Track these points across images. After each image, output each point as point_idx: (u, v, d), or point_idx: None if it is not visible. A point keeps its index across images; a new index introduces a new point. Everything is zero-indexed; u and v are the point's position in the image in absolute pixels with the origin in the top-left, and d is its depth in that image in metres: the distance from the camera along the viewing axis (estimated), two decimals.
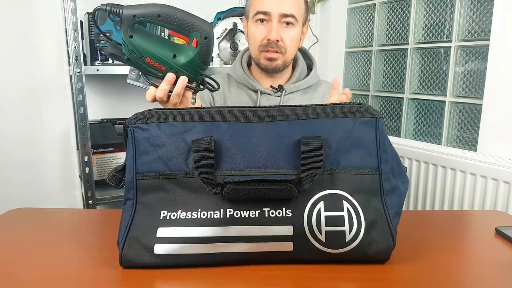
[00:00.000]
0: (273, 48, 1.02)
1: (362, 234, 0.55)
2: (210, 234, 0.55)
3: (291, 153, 0.56)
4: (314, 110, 0.59)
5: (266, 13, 0.99)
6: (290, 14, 0.99)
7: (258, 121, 0.58)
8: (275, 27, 1.00)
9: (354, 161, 0.57)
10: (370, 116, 0.59)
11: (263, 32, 1.02)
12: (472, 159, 1.25)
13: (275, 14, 0.99)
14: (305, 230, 0.55)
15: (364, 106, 0.60)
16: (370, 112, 0.59)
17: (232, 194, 0.54)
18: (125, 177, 0.58)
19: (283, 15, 0.99)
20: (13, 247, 0.64)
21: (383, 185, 0.58)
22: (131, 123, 0.58)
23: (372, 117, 0.59)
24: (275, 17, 0.99)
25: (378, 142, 0.58)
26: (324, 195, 0.56)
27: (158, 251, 0.55)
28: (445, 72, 1.51)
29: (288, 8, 0.99)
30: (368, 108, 0.59)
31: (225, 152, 0.56)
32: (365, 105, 0.60)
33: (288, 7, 0.99)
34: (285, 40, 1.02)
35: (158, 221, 0.56)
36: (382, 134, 0.59)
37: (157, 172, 0.57)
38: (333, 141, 0.57)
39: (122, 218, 0.58)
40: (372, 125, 0.59)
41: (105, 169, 1.51)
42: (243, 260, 0.57)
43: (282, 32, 1.01)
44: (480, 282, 0.54)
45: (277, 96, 1.10)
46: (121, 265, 0.57)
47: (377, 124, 0.59)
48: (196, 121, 0.58)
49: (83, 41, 1.45)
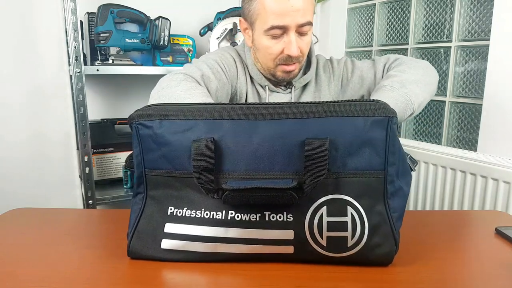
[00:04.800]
0: (292, 62, 0.93)
1: (365, 240, 0.54)
2: (212, 234, 0.55)
3: (294, 155, 0.54)
4: (322, 108, 0.55)
5: (283, 27, 0.88)
6: (306, 22, 0.89)
7: (261, 119, 0.55)
8: (294, 42, 0.89)
9: (361, 164, 0.54)
10: (383, 115, 0.54)
11: (279, 46, 0.91)
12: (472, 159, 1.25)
13: (293, 27, 0.88)
14: (306, 235, 0.55)
15: (377, 103, 0.55)
16: (383, 110, 0.54)
17: (231, 200, 0.53)
18: (135, 172, 0.59)
19: (300, 25, 0.89)
20: (13, 247, 0.64)
21: (387, 188, 0.55)
22: (134, 119, 0.58)
23: (385, 116, 0.54)
24: (292, 29, 0.89)
25: (387, 143, 0.54)
26: (327, 200, 0.54)
27: (164, 246, 0.56)
28: (445, 72, 1.51)
29: (304, 16, 0.88)
30: (382, 106, 0.55)
31: (226, 153, 0.55)
32: (379, 102, 0.56)
33: (304, 15, 0.88)
34: (303, 50, 0.94)
35: (166, 216, 0.57)
36: (393, 135, 0.55)
37: (163, 170, 0.57)
38: (341, 142, 0.54)
39: (132, 211, 0.59)
40: (384, 125, 0.54)
41: (105, 169, 1.51)
42: (243, 260, 0.57)
43: (300, 42, 0.92)
44: (480, 282, 0.54)
45: (286, 93, 1.02)
46: (128, 256, 0.58)
47: (389, 124, 0.54)
48: (198, 118, 0.56)
49: (83, 41, 1.45)
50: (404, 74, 0.90)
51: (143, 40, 1.45)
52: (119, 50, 1.41)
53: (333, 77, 1.06)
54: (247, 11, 0.94)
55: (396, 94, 0.85)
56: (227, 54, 1.01)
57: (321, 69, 1.06)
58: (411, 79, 0.89)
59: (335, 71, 1.06)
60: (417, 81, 0.89)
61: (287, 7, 0.86)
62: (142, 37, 1.45)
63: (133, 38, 1.43)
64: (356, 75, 1.04)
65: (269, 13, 0.88)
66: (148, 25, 1.45)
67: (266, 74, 0.99)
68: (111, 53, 1.41)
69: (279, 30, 0.89)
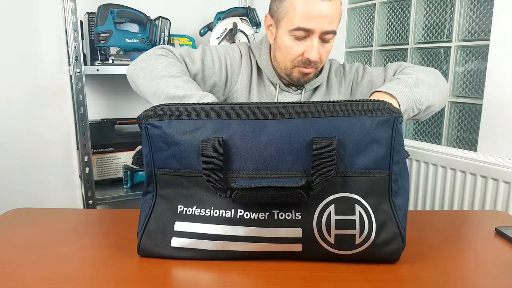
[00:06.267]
0: (310, 66, 0.94)
1: (372, 237, 0.55)
2: (222, 232, 0.56)
3: (302, 154, 0.55)
4: (329, 107, 0.56)
5: (308, 30, 0.89)
6: (331, 30, 0.90)
7: (269, 119, 0.56)
8: (316, 47, 0.90)
9: (368, 163, 0.55)
10: (389, 114, 0.55)
11: (301, 48, 0.92)
12: (472, 159, 1.25)
13: (317, 32, 0.89)
14: (314, 233, 0.55)
15: (383, 103, 0.57)
16: (389, 110, 0.56)
17: (241, 199, 0.54)
18: (144, 171, 0.60)
19: (325, 32, 0.90)
20: (13, 247, 0.64)
21: (391, 187, 0.56)
22: (143, 119, 0.58)
23: (391, 116, 0.55)
24: (316, 34, 0.89)
25: (393, 142, 0.56)
26: (335, 198, 0.55)
27: (174, 244, 0.57)
28: (445, 72, 1.51)
29: (330, 24, 0.89)
30: (388, 106, 0.56)
31: (234, 153, 0.56)
32: (385, 103, 0.57)
33: (330, 23, 0.89)
34: (323, 57, 0.94)
35: (176, 215, 0.58)
36: (399, 134, 0.56)
37: (173, 169, 0.58)
38: (348, 142, 0.55)
39: (141, 210, 0.60)
40: (390, 124, 0.55)
41: (105, 169, 1.51)
42: (252, 258, 0.58)
43: (321, 48, 0.92)
44: (480, 282, 0.54)
45: (296, 94, 1.03)
46: (138, 254, 0.59)
47: (395, 124, 0.55)
48: (206, 118, 0.56)
49: (83, 41, 1.45)
50: (419, 74, 0.92)
51: (143, 40, 1.45)
52: (119, 50, 1.41)
53: (344, 82, 1.07)
54: (276, 8, 0.94)
55: (408, 91, 0.85)
56: (236, 49, 1.03)
57: (333, 72, 1.07)
58: (426, 81, 0.90)
59: (346, 76, 1.07)
60: (431, 85, 0.90)
61: (316, 12, 0.87)
62: (142, 37, 1.45)
63: (133, 38, 1.43)
64: (366, 79, 1.04)
65: (298, 14, 0.88)
66: (148, 25, 1.45)
67: (281, 74, 1.00)
68: (111, 53, 1.41)
69: (304, 32, 0.90)
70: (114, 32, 1.37)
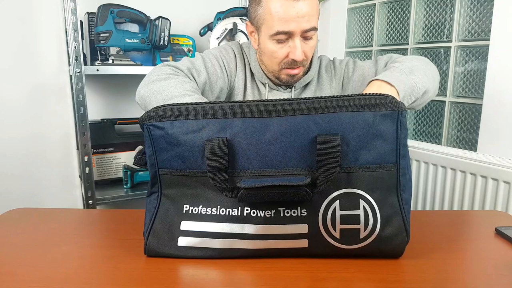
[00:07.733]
0: (297, 66, 0.94)
1: (377, 231, 0.56)
2: (228, 230, 0.56)
3: (306, 151, 0.55)
4: (333, 103, 0.55)
5: (288, 32, 0.89)
6: (311, 27, 0.89)
7: (272, 116, 0.56)
8: (299, 47, 0.90)
9: (372, 158, 0.55)
10: (393, 109, 0.55)
11: (284, 50, 0.92)
12: (472, 159, 1.25)
13: (298, 32, 0.89)
14: (320, 228, 0.56)
15: (386, 97, 0.56)
16: (393, 104, 0.55)
17: (247, 198, 0.54)
18: (149, 172, 0.60)
19: (305, 30, 0.89)
20: (13, 247, 0.64)
21: (400, 181, 0.56)
22: (145, 121, 0.58)
23: (395, 110, 0.55)
24: (297, 35, 0.90)
25: (398, 136, 0.56)
26: (340, 194, 0.56)
27: (181, 243, 0.58)
28: (445, 72, 1.51)
29: (309, 22, 0.89)
30: (391, 100, 0.56)
31: (239, 152, 0.56)
32: (388, 97, 0.56)
33: (309, 21, 0.88)
34: (308, 54, 0.94)
35: (181, 214, 0.58)
36: (404, 127, 0.56)
37: (177, 169, 0.58)
38: (352, 137, 0.55)
39: (146, 210, 0.60)
40: (394, 119, 0.55)
41: (105, 169, 1.52)
42: (259, 256, 0.58)
43: (304, 46, 0.92)
44: (480, 282, 0.54)
45: (286, 92, 1.03)
46: (145, 254, 0.60)
47: (399, 117, 0.55)
48: (210, 118, 0.56)
49: (83, 41, 1.45)
50: (412, 61, 0.93)
51: (143, 40, 1.45)
52: (119, 50, 1.41)
53: (335, 77, 1.06)
54: (253, 16, 0.94)
55: (405, 78, 0.86)
56: (229, 49, 1.03)
57: (323, 69, 1.07)
58: (420, 67, 0.91)
59: (337, 71, 1.07)
60: (425, 71, 0.91)
61: (293, 13, 0.86)
62: (142, 37, 1.45)
63: (133, 38, 1.43)
64: (357, 73, 1.04)
65: (275, 19, 0.88)
66: (148, 25, 1.45)
67: (270, 76, 1.01)
68: (111, 53, 1.41)
69: (284, 35, 0.90)
70: (114, 32, 1.37)
